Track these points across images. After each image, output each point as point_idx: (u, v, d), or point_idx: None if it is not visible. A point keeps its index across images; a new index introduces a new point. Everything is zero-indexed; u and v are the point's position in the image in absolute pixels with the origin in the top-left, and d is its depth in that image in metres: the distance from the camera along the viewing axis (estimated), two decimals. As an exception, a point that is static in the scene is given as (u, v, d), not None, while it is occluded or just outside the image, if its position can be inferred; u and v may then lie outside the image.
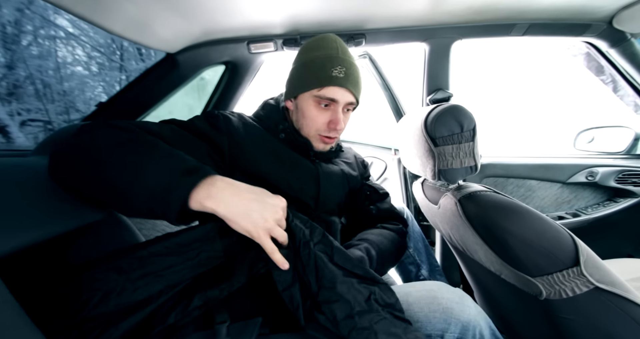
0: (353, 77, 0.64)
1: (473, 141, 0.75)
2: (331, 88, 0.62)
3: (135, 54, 6.86)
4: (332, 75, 0.61)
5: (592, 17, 0.92)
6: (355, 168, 0.81)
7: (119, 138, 0.44)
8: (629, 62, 1.00)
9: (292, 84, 0.67)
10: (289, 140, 0.67)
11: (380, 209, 0.81)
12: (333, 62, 0.62)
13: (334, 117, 0.64)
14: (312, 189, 0.66)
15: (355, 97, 0.65)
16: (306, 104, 0.64)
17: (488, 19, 0.96)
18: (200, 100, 1.35)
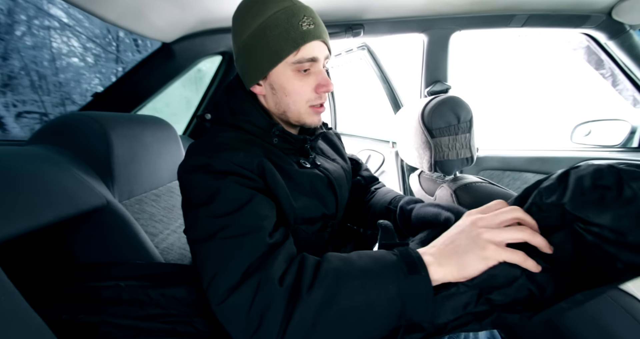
0: (321, 24, 0.52)
1: (470, 132, 0.75)
2: (308, 46, 0.49)
3: (132, 45, 6.74)
4: (304, 30, 0.48)
5: (591, 8, 0.91)
6: (342, 151, 0.74)
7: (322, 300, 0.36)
8: (627, 54, 0.99)
9: (255, 63, 0.51)
10: (283, 142, 0.56)
11: (366, 177, 0.77)
12: (297, 13, 0.49)
13: (321, 78, 0.52)
14: (331, 198, 0.59)
15: (329, 48, 0.54)
16: (284, 78, 0.51)
17: (487, 10, 0.95)
18: (198, 92, 1.33)
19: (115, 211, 0.60)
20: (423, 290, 0.36)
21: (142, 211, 0.74)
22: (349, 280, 0.37)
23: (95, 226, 0.60)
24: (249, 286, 0.36)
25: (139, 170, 0.75)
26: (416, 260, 0.38)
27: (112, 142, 0.67)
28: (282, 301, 0.35)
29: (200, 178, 0.44)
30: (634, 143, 1.20)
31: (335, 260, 0.39)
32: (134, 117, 0.83)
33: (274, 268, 0.37)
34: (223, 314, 0.37)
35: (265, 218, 0.43)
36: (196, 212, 0.42)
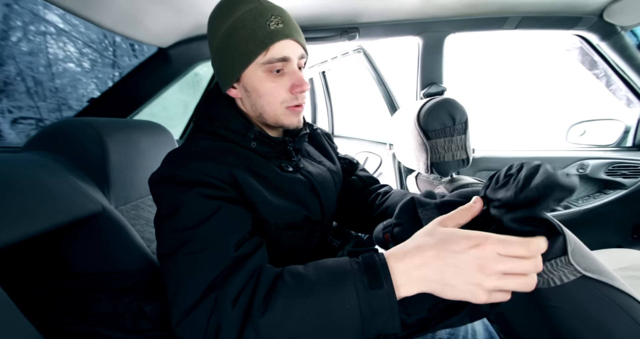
0: (293, 23, 0.50)
1: (465, 134, 0.75)
2: (278, 45, 0.48)
3: (128, 50, 6.75)
4: (271, 30, 0.47)
5: (583, 10, 0.92)
6: (330, 152, 0.72)
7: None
8: (619, 55, 1.01)
9: (226, 66, 0.51)
10: (262, 145, 0.54)
11: (363, 178, 0.74)
12: (264, 13, 0.47)
13: (294, 78, 0.50)
14: (315, 203, 0.58)
15: (304, 48, 0.52)
16: (256, 79, 0.50)
17: (480, 13, 0.96)
18: (195, 96, 1.33)
19: (111, 218, 0.60)
20: (387, 305, 0.33)
21: (138, 217, 0.73)
22: (301, 300, 0.35)
23: (91, 233, 0.59)
24: (206, 306, 0.35)
25: (135, 176, 0.75)
26: (379, 268, 0.35)
27: (108, 148, 0.66)
28: (236, 323, 0.34)
29: (167, 190, 0.44)
30: (628, 142, 1.22)
31: (288, 277, 0.37)
32: (130, 122, 0.83)
33: (232, 286, 0.36)
34: (182, 334, 0.35)
35: (228, 232, 0.42)
36: (161, 226, 0.42)
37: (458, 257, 0.33)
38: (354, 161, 0.78)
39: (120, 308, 0.43)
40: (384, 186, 0.74)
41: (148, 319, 0.43)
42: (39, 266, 0.57)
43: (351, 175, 0.75)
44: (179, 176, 0.44)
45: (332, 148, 0.74)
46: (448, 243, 0.34)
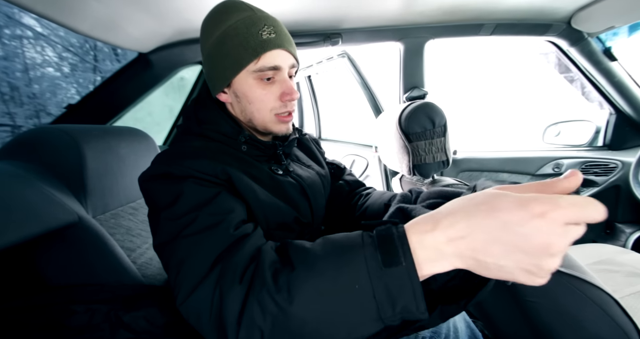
0: (285, 33, 0.51)
1: (444, 136, 0.78)
2: (269, 55, 0.49)
3: (111, 54, 6.58)
4: (263, 39, 0.48)
5: (552, 17, 0.97)
6: (318, 157, 0.73)
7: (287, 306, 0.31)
8: (587, 59, 1.06)
9: (217, 72, 0.52)
10: (253, 148, 0.55)
11: (350, 182, 0.75)
12: (257, 23, 0.48)
13: (285, 86, 0.51)
14: (305, 205, 0.59)
15: (295, 57, 0.53)
16: (247, 86, 0.51)
17: (458, 19, 1.00)
18: (181, 101, 1.32)
19: (88, 227, 0.58)
20: (407, 286, 0.28)
21: (118, 226, 0.71)
22: (302, 282, 0.31)
23: (67, 244, 0.57)
24: (210, 281, 0.34)
25: (115, 183, 0.73)
26: (397, 241, 0.29)
27: (85, 155, 0.65)
28: (239, 297, 0.32)
29: (160, 185, 0.44)
30: (599, 142, 1.28)
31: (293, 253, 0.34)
32: (109, 129, 0.81)
33: (236, 261, 0.35)
34: (188, 313, 0.34)
35: (229, 211, 0.41)
36: (158, 217, 0.41)
37: (514, 230, 0.24)
38: (341, 166, 0.79)
39: (97, 319, 0.42)
40: (368, 188, 0.75)
41: (127, 328, 0.42)
42: (10, 281, 0.55)
43: (339, 179, 0.76)
44: (172, 174, 0.44)
45: (320, 153, 0.75)
46: (501, 210, 0.25)
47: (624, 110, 1.17)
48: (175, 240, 0.38)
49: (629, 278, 0.86)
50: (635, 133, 1.20)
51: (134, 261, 0.70)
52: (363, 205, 0.67)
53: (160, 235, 0.40)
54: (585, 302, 0.52)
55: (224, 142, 0.53)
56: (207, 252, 0.36)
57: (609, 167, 1.18)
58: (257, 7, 0.52)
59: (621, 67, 1.08)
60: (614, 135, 1.22)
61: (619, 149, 1.22)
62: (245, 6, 0.50)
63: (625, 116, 1.19)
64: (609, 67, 1.06)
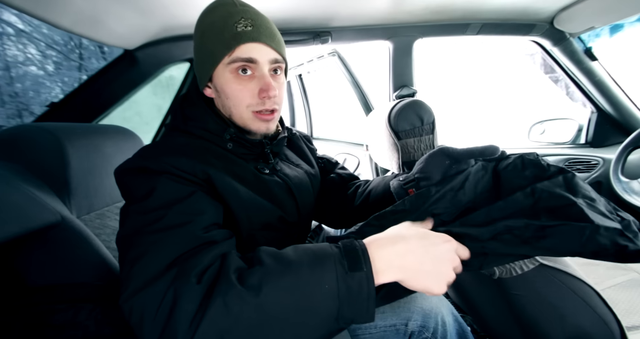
0: (265, 27, 0.49)
1: (433, 134, 0.79)
2: (244, 47, 0.47)
3: (97, 52, 6.42)
4: (238, 32, 0.47)
5: (535, 17, 1.00)
6: (308, 155, 0.72)
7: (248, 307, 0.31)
8: (569, 59, 1.09)
9: (199, 66, 0.52)
10: (239, 146, 0.54)
11: (342, 175, 0.75)
12: (234, 15, 0.47)
13: (262, 82, 0.49)
14: (291, 204, 0.58)
15: (279, 53, 0.51)
16: (224, 80, 0.49)
17: (445, 19, 1.01)
18: (171, 100, 1.30)
19: (72, 228, 0.56)
20: (364, 289, 0.33)
21: (104, 226, 0.70)
22: (277, 277, 0.33)
23: (49, 244, 0.56)
24: (165, 280, 0.32)
25: (100, 183, 0.72)
26: (360, 252, 0.35)
27: (68, 154, 0.63)
28: (197, 298, 0.31)
29: (135, 178, 0.43)
30: (581, 139, 1.32)
31: (265, 256, 0.35)
32: (94, 127, 0.79)
33: (199, 261, 0.34)
34: (130, 311, 0.32)
35: (200, 212, 0.40)
36: (127, 210, 0.40)
37: (437, 249, 0.37)
38: (332, 160, 0.80)
39: (82, 316, 0.41)
40: (362, 180, 0.75)
41: (113, 325, 0.41)
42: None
43: (330, 173, 0.76)
44: (148, 168, 0.42)
45: (310, 150, 0.74)
46: (428, 237, 0.38)
47: (605, 109, 1.21)
48: (138, 235, 0.37)
49: (610, 270, 0.89)
50: (615, 131, 1.24)
51: (121, 262, 0.69)
52: (364, 192, 0.66)
53: (125, 228, 0.39)
54: (568, 294, 0.54)
55: (209, 139, 0.52)
56: (167, 251, 0.35)
57: (591, 163, 1.22)
58: (243, 2, 0.51)
59: (601, 67, 1.12)
60: (595, 132, 1.26)
61: (600, 146, 1.26)
62: (231, 2, 0.50)
63: (606, 114, 1.23)
64: (589, 66, 1.10)
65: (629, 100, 1.18)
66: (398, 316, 0.57)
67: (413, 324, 0.56)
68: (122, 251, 0.38)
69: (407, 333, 0.56)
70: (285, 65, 0.55)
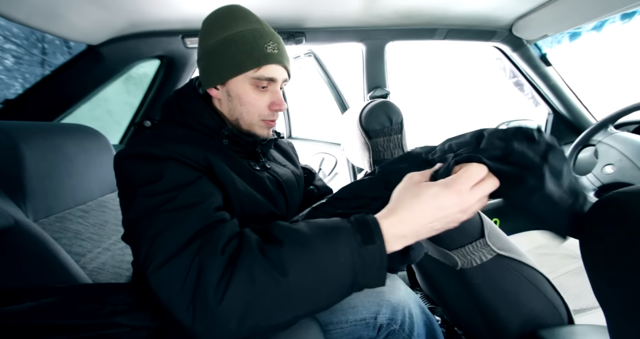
0: (284, 51, 0.57)
1: (401, 133, 0.82)
2: (269, 67, 0.53)
3: (62, 46, 6.02)
4: (267, 53, 0.53)
5: (496, 24, 1.07)
6: (295, 161, 0.77)
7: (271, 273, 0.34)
8: (527, 64, 1.18)
9: (215, 69, 0.55)
10: (234, 144, 0.58)
11: (320, 187, 0.80)
12: (264, 37, 0.53)
13: (276, 97, 0.56)
14: (282, 201, 0.61)
15: (289, 73, 0.59)
16: (243, 89, 0.54)
17: (414, 23, 1.05)
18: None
19: (27, 232, 0.53)
20: (377, 261, 0.35)
21: (64, 230, 0.66)
22: (296, 250, 0.35)
23: (2, 250, 0.52)
24: (189, 252, 0.35)
25: (61, 185, 0.68)
26: (372, 225, 0.37)
27: (23, 155, 0.59)
28: (221, 267, 0.34)
29: (139, 164, 0.44)
30: (540, 139, 1.42)
31: (280, 231, 0.38)
32: (54, 126, 0.75)
33: (217, 236, 0.36)
34: (158, 284, 0.34)
35: (210, 195, 0.43)
36: (134, 193, 0.41)
37: (443, 206, 0.36)
38: (313, 171, 0.84)
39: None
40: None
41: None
42: None
43: (309, 184, 0.81)
44: (153, 154, 0.44)
45: (295, 156, 0.79)
46: (433, 198, 0.36)
47: (559, 111, 1.32)
48: (152, 215, 0.38)
49: (563, 259, 0.97)
50: (569, 131, 1.35)
51: (84, 266, 0.66)
52: None
53: (134, 210, 0.40)
54: (522, 281, 0.58)
55: (206, 133, 0.56)
56: (186, 226, 0.37)
57: (548, 161, 1.32)
58: (263, 21, 0.56)
59: (555, 72, 1.21)
60: (552, 132, 1.37)
61: (556, 145, 1.36)
62: (254, 18, 0.55)
63: (561, 115, 1.33)
64: (545, 71, 1.19)
65: (580, 103, 1.29)
66: (368, 310, 0.59)
67: (382, 318, 0.58)
68: (134, 233, 0.39)
69: (377, 326, 0.58)
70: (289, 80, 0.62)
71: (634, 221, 0.32)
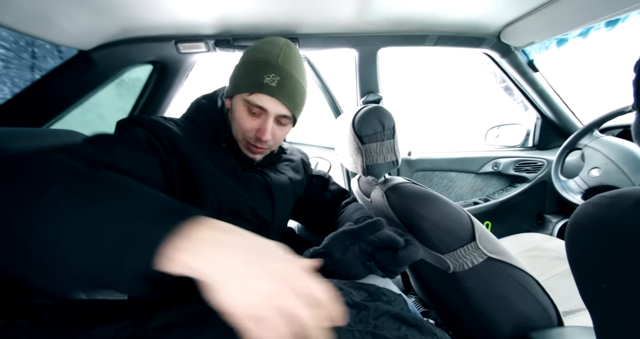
0: (288, 88, 0.57)
1: (393, 138, 0.83)
2: (260, 96, 0.56)
3: (52, 50, 5.93)
4: (262, 82, 0.55)
5: (485, 31, 1.09)
6: (300, 169, 0.79)
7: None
8: (515, 70, 1.21)
9: (230, 83, 0.62)
10: (231, 149, 0.62)
11: (333, 191, 0.86)
12: (268, 68, 0.56)
13: (262, 126, 0.58)
14: (267, 203, 0.62)
15: (291, 111, 0.59)
16: (238, 107, 0.59)
17: (405, 30, 1.07)
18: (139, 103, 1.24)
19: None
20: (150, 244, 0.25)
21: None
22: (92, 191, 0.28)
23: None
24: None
25: (49, 191, 0.67)
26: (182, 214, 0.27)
27: (10, 161, 0.58)
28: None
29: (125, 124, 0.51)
30: (529, 143, 1.45)
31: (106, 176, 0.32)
32: (42, 132, 0.74)
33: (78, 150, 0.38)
34: None
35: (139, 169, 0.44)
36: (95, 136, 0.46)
37: (271, 265, 0.26)
38: (325, 176, 0.89)
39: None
40: (347, 197, 0.87)
41: None
42: None
43: (324, 190, 0.86)
44: (144, 121, 0.51)
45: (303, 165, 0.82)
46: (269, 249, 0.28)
47: (547, 115, 1.35)
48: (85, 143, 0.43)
49: (553, 261, 0.98)
50: (557, 135, 1.39)
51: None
52: (337, 217, 0.77)
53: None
54: (512, 283, 0.59)
55: (209, 133, 0.61)
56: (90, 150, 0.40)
57: (537, 164, 1.35)
58: (287, 56, 0.59)
59: (542, 77, 1.24)
60: (540, 136, 1.40)
61: (545, 149, 1.40)
62: (279, 51, 0.58)
63: (549, 120, 1.37)
64: (532, 77, 1.22)
65: (567, 107, 1.32)
66: None
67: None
68: None
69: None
70: (295, 119, 0.65)
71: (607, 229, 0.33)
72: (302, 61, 0.62)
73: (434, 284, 0.79)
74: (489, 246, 0.59)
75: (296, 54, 0.61)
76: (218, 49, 1.00)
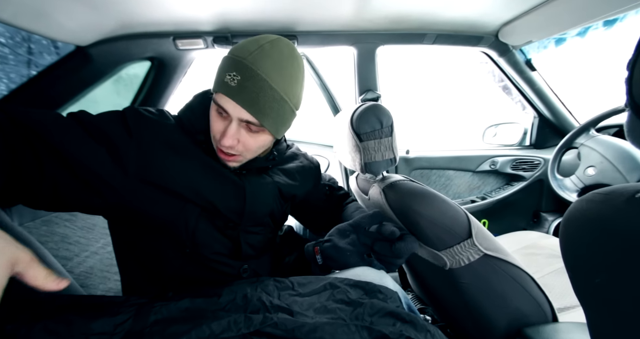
0: (249, 91, 0.49)
1: (391, 136, 0.83)
2: (220, 96, 0.51)
3: (49, 46, 5.87)
4: (223, 81, 0.50)
5: (483, 30, 1.10)
6: (297, 177, 0.74)
7: None
8: (513, 69, 1.21)
9: None
10: (210, 152, 0.58)
11: (338, 195, 0.90)
12: (231, 66, 0.50)
13: (226, 130, 0.52)
14: (237, 204, 0.59)
15: (254, 117, 0.51)
16: (211, 107, 0.55)
17: (403, 28, 1.07)
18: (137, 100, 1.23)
19: (12, 236, 0.52)
20: None
21: (51, 234, 0.65)
22: None
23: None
24: None
25: (47, 187, 0.67)
26: None
27: (7, 157, 0.58)
28: None
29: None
30: (527, 141, 1.46)
31: None
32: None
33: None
34: None
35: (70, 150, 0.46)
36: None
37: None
38: (335, 185, 0.93)
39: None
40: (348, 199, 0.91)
41: None
42: None
43: (332, 197, 0.90)
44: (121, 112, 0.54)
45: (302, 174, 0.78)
46: None
47: (544, 114, 1.36)
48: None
49: (549, 259, 0.99)
50: (554, 134, 1.39)
51: (71, 270, 0.65)
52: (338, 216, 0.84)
53: None
54: (508, 280, 0.59)
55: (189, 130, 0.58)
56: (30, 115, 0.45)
57: (534, 163, 1.36)
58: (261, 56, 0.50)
59: (540, 77, 1.25)
60: (537, 135, 1.41)
61: (541, 148, 1.41)
62: (253, 49, 0.50)
63: (546, 119, 1.38)
64: (530, 76, 1.23)
65: (564, 106, 1.33)
66: None
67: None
68: None
69: None
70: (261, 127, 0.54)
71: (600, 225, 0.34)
72: (288, 63, 0.52)
73: (431, 281, 0.80)
74: (485, 243, 0.60)
75: (279, 55, 0.51)
76: (216, 46, 1.00)
